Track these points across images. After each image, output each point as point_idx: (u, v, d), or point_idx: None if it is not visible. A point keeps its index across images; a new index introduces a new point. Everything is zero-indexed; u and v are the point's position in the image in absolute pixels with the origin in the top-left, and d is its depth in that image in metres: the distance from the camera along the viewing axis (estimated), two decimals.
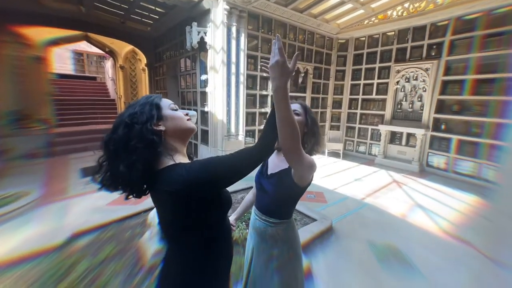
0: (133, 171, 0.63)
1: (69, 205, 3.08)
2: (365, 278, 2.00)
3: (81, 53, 12.07)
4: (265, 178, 1.08)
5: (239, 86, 4.71)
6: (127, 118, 0.67)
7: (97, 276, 1.70)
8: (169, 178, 0.64)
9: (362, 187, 4.18)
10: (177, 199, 0.63)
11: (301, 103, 1.10)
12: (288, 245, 1.04)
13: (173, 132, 0.72)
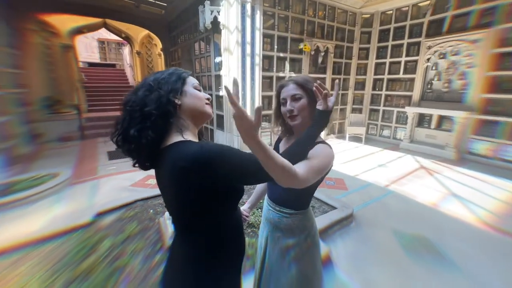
0: (143, 137, 0.62)
1: (97, 185, 3.26)
2: (391, 267, 1.88)
3: (102, 41, 12.36)
4: None
5: (254, 68, 4.51)
6: (151, 81, 0.66)
7: (119, 255, 1.77)
8: (182, 152, 0.60)
9: (386, 173, 3.94)
10: (189, 176, 0.58)
11: (296, 80, 0.90)
12: (305, 234, 0.96)
13: (189, 110, 0.69)
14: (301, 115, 0.89)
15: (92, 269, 1.59)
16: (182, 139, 0.64)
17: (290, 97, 0.89)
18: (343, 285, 1.71)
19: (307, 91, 0.88)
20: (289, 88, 0.90)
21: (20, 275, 1.52)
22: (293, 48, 5.09)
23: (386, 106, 6.05)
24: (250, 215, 1.21)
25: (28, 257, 1.72)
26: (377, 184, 3.47)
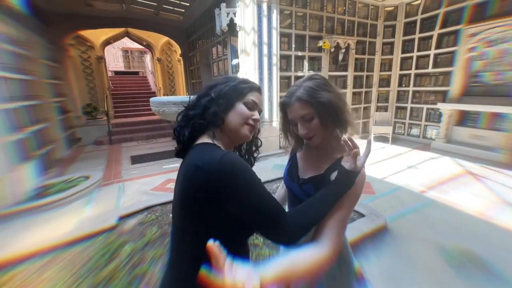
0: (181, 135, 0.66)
1: (122, 188, 3.37)
2: (433, 285, 1.66)
3: (126, 50, 13.04)
4: (295, 182, 0.85)
5: (272, 69, 4.42)
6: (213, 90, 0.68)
7: (139, 262, 1.75)
8: (203, 153, 0.59)
9: (418, 176, 3.62)
10: (199, 179, 0.55)
11: (300, 97, 0.71)
12: (338, 259, 0.80)
13: (227, 126, 0.67)
14: (319, 134, 0.74)
15: (113, 275, 1.59)
16: (211, 142, 0.63)
17: (299, 119, 0.73)
18: None
19: (317, 104, 0.70)
20: (295, 109, 0.73)
21: (46, 280, 1.56)
22: (311, 46, 4.92)
23: (414, 103, 5.64)
24: None
25: (55, 261, 1.76)
26: (409, 188, 3.19)
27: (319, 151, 0.82)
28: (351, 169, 0.64)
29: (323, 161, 0.79)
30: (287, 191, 0.94)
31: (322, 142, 0.77)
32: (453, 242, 2.09)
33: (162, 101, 1.68)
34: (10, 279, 1.56)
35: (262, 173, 0.99)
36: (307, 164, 0.85)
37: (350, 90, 5.68)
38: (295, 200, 0.87)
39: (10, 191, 2.64)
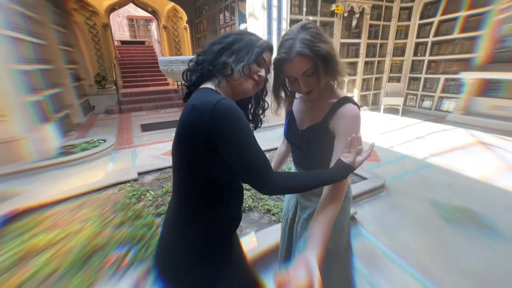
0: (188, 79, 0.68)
1: (135, 152, 3.58)
2: (424, 234, 1.79)
3: (132, 18, 12.61)
4: (295, 134, 0.87)
5: (281, 34, 4.25)
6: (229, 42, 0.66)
7: (160, 204, 2.00)
8: (203, 95, 0.60)
9: (425, 146, 3.62)
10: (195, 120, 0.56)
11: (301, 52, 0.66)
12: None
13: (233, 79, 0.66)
14: (317, 87, 0.73)
15: (140, 214, 1.83)
16: (213, 88, 0.63)
17: (300, 75, 0.70)
18: (369, 244, 1.69)
19: (317, 57, 0.67)
20: (296, 65, 0.68)
21: (81, 217, 1.80)
22: (324, 10, 4.65)
23: (429, 74, 5.39)
24: None
25: (87, 203, 2.02)
26: (414, 157, 3.22)
27: (313, 102, 0.82)
28: (350, 163, 0.65)
29: (319, 110, 0.79)
30: (290, 147, 0.96)
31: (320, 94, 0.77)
32: (449, 200, 2.19)
33: (170, 60, 1.72)
34: (48, 217, 1.80)
35: (269, 141, 1.05)
36: (304, 115, 0.85)
37: (362, 59, 5.46)
38: (299, 153, 0.90)
39: (36, 148, 2.87)
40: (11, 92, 2.63)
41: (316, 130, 0.79)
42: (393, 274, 1.46)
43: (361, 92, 5.82)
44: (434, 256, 1.58)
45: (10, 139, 2.63)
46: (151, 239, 1.57)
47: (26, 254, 1.44)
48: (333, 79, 0.75)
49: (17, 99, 2.71)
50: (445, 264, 1.52)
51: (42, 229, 1.65)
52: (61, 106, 4.14)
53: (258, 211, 1.95)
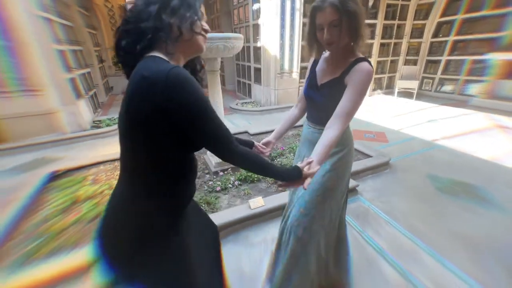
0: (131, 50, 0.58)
1: None
2: (417, 201, 1.93)
3: None
4: (315, 90, 0.97)
5: (294, 14, 4.23)
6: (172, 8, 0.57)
7: None
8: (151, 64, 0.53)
9: (438, 128, 3.62)
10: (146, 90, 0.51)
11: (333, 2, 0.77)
12: (342, 148, 1.00)
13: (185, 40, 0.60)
14: (338, 42, 0.83)
15: None
16: (161, 56, 0.57)
17: (327, 24, 0.80)
18: (363, 206, 1.87)
19: (347, 12, 0.78)
20: (326, 13, 0.79)
21: (116, 176, 2.13)
22: None
23: (455, 55, 5.05)
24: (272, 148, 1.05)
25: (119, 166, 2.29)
26: (423, 138, 3.25)
27: (334, 61, 0.93)
28: (301, 167, 0.74)
29: (339, 68, 0.90)
30: (307, 102, 1.06)
31: (338, 52, 0.89)
32: (449, 176, 2.29)
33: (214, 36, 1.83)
34: (89, 175, 2.15)
35: (279, 122, 1.16)
36: (325, 72, 0.96)
37: (378, 41, 5.32)
38: (314, 107, 1.02)
39: (70, 121, 3.24)
40: (49, 69, 2.92)
41: (333, 84, 0.90)
42: (383, 230, 1.64)
43: (375, 75, 5.72)
44: (426, 220, 1.73)
45: (46, 111, 2.98)
46: None
47: (73, 203, 1.75)
48: (354, 40, 0.84)
49: (54, 76, 3.00)
50: (436, 227, 1.66)
51: (85, 184, 1.97)
52: (90, 85, 4.47)
53: (265, 182, 2.14)
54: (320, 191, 0.99)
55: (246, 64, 5.50)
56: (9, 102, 2.80)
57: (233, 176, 2.13)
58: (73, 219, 1.60)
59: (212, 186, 2.00)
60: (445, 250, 1.47)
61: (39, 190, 1.90)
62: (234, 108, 4.80)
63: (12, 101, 2.81)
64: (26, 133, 2.94)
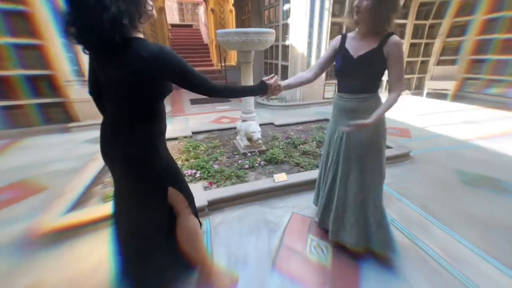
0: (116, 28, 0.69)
1: (187, 119, 4.29)
2: (437, 189, 1.99)
3: (181, 2, 13.51)
4: (350, 61, 1.15)
5: (323, 13, 4.38)
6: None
7: (211, 153, 2.56)
8: (145, 45, 0.74)
9: (470, 129, 3.47)
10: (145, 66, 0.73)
11: None
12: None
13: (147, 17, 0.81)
14: (363, 13, 1.05)
15: (197, 156, 2.42)
16: (143, 38, 0.77)
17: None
18: None
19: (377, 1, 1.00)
20: None
21: None
22: None
23: (502, 54, 4.60)
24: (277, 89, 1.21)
25: None
26: (451, 136, 3.19)
27: (366, 37, 1.12)
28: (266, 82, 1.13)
29: (373, 41, 1.09)
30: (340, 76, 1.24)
31: (364, 23, 1.08)
32: (476, 170, 2.28)
33: (227, 32, 2.13)
34: None
35: (302, 116, 1.41)
36: (359, 46, 1.14)
37: (408, 41, 5.23)
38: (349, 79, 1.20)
39: None
40: None
41: (372, 54, 1.09)
42: (394, 205, 1.78)
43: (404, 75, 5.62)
44: (440, 202, 1.82)
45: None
46: (209, 168, 2.16)
47: None
48: (378, 24, 1.06)
49: None
50: (452, 210, 1.75)
51: None
52: None
53: (288, 164, 2.37)
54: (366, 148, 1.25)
55: (274, 62, 5.75)
56: (80, 89, 3.40)
57: (259, 157, 2.40)
58: None
59: (241, 164, 2.29)
60: (455, 225, 1.58)
61: None
62: (261, 103, 5.08)
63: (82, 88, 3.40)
64: (93, 114, 3.47)
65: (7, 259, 1.37)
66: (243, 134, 2.54)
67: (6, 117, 3.27)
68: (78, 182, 1.92)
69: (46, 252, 1.40)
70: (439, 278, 1.24)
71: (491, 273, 1.26)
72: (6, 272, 1.30)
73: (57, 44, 3.14)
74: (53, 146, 3.00)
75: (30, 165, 2.48)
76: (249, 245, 1.45)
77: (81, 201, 1.74)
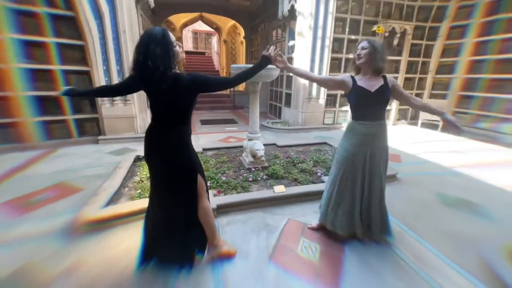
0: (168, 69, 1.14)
1: (198, 137, 4.69)
2: (418, 207, 2.24)
3: (196, 32, 14.86)
4: (370, 97, 1.51)
5: (324, 50, 4.98)
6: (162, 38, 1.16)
7: (220, 167, 2.90)
8: (186, 75, 1.21)
9: (457, 158, 3.70)
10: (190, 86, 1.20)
11: (369, 40, 1.52)
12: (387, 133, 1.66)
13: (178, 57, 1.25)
14: (364, 58, 1.50)
15: (207, 169, 2.76)
16: (178, 72, 1.21)
17: (361, 47, 1.52)
18: None
19: (373, 48, 1.47)
20: (363, 42, 1.52)
21: None
22: (365, 30, 5.21)
23: (490, 92, 5.04)
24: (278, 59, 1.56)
25: None
26: (438, 163, 3.44)
27: (372, 78, 1.54)
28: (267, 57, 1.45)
29: (379, 81, 1.53)
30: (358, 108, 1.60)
31: (363, 66, 1.53)
32: (457, 195, 2.51)
33: (239, 67, 2.60)
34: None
35: (303, 139, 1.79)
36: (371, 85, 1.53)
37: (402, 75, 5.76)
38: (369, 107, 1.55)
39: (142, 124, 4.30)
40: None
41: (384, 88, 1.52)
42: None
43: (400, 106, 6.07)
44: (420, 219, 2.08)
45: (130, 115, 4.08)
46: (217, 179, 2.50)
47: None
48: (377, 65, 1.50)
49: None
50: (428, 224, 2.00)
51: None
52: None
53: (287, 179, 2.69)
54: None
55: (279, 90, 6.31)
56: (114, 107, 3.99)
57: (262, 172, 2.74)
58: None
59: (246, 177, 2.62)
60: (428, 238, 1.83)
61: (132, 164, 2.84)
62: (265, 126, 5.52)
63: (116, 107, 4.00)
64: (117, 130, 4.05)
65: (56, 243, 1.68)
66: (249, 151, 2.91)
67: (47, 130, 3.79)
68: (108, 184, 2.27)
69: (87, 239, 1.71)
70: (409, 277, 1.49)
71: (453, 276, 1.50)
72: (54, 253, 1.61)
73: (100, 70, 3.76)
74: (84, 155, 3.45)
75: (66, 170, 2.88)
76: (251, 242, 1.74)
77: (113, 199, 2.07)
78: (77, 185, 2.47)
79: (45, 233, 1.78)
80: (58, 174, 2.75)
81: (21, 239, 1.72)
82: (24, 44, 3.39)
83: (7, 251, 1.62)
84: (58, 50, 3.61)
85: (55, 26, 3.54)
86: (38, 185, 2.47)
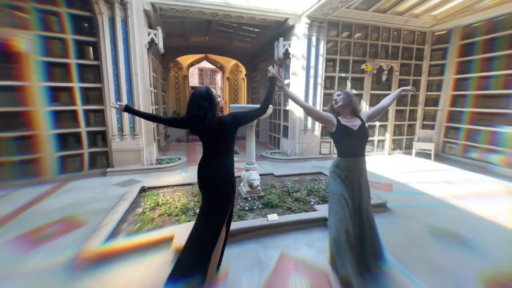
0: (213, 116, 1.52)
1: None
2: (405, 239, 2.31)
3: (202, 69, 16.09)
4: (354, 134, 1.72)
5: (316, 87, 5.45)
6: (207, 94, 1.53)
7: None
8: (227, 116, 1.57)
9: (448, 187, 3.80)
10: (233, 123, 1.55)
11: (342, 90, 1.82)
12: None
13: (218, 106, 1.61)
14: (341, 102, 1.77)
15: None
16: (220, 114, 1.61)
17: (336, 95, 1.80)
18: None
19: (346, 93, 1.78)
20: (337, 92, 1.82)
21: (177, 196, 3.10)
22: (355, 68, 5.73)
23: (475, 125, 5.33)
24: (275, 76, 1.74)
25: (178, 190, 3.34)
26: (431, 194, 3.52)
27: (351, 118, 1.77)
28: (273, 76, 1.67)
29: (357, 120, 1.77)
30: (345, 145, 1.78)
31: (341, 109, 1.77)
32: (445, 226, 2.57)
33: (237, 106, 2.95)
34: (160, 192, 3.19)
35: (300, 169, 2.00)
36: (352, 123, 1.75)
37: (393, 108, 6.14)
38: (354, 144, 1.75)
39: (148, 156, 4.62)
40: (145, 122, 4.47)
41: (363, 126, 1.76)
42: None
43: (394, 137, 6.33)
44: (403, 246, 2.16)
45: (137, 149, 4.41)
46: None
47: (156, 205, 2.75)
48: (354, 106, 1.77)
49: (146, 125, 4.56)
50: (411, 253, 2.09)
51: (159, 196, 2.99)
52: (158, 133, 6.07)
53: (282, 208, 2.83)
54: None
55: (277, 122, 6.70)
56: (123, 141, 4.36)
57: (258, 201, 2.90)
58: (157, 213, 2.55)
59: (243, 206, 2.78)
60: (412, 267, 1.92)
61: (137, 196, 3.03)
62: (264, 156, 5.77)
63: (125, 141, 4.36)
64: (124, 162, 4.35)
65: (61, 278, 1.81)
66: (246, 181, 3.10)
67: (63, 164, 4.10)
68: (109, 219, 2.41)
69: (89, 273, 1.83)
70: None
71: None
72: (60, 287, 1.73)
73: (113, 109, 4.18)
74: (91, 188, 3.67)
75: (72, 204, 3.09)
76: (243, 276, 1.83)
77: (113, 234, 2.19)
78: (82, 219, 2.65)
79: (52, 266, 1.92)
80: (66, 208, 2.95)
81: (31, 272, 1.86)
82: (52, 89, 3.91)
83: (17, 285, 1.74)
84: (80, 93, 4.12)
85: (81, 73, 4.13)
86: (47, 219, 2.66)
